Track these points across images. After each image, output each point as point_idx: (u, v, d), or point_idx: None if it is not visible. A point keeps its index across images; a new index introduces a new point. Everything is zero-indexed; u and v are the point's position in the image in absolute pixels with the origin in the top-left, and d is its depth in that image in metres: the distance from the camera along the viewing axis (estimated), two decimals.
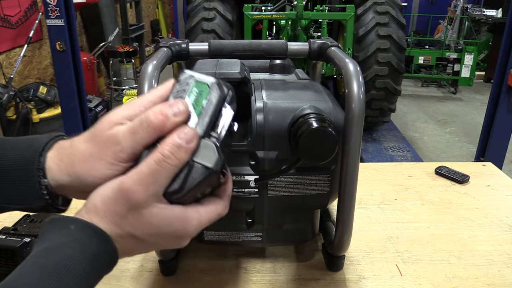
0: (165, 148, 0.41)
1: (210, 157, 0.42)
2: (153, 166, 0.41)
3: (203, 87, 0.44)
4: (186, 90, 0.44)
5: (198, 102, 0.44)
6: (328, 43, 0.73)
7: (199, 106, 0.44)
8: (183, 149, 0.41)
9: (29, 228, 0.74)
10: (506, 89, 2.57)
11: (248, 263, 0.78)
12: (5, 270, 0.70)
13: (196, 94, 0.44)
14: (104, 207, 0.42)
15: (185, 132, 0.41)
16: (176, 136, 0.41)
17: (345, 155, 0.62)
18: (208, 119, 0.44)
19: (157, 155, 0.41)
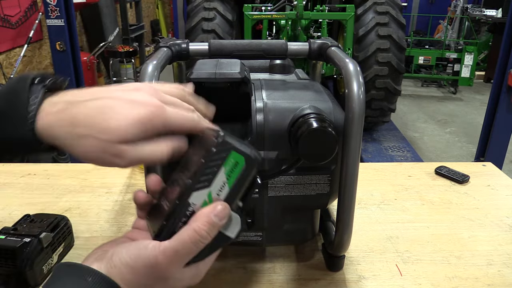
0: (202, 229, 0.42)
1: (234, 228, 0.45)
2: (189, 246, 0.42)
3: (239, 159, 0.44)
4: (223, 158, 0.43)
5: (232, 174, 0.44)
6: (328, 43, 0.73)
7: (232, 178, 0.44)
8: (217, 227, 0.43)
9: (29, 228, 0.74)
10: (506, 89, 2.57)
11: (248, 263, 0.78)
12: (5, 270, 0.70)
13: (231, 165, 0.43)
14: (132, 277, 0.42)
15: (220, 210, 0.43)
16: (213, 215, 0.42)
17: (345, 155, 0.62)
18: (239, 193, 0.45)
19: (194, 235, 0.42)
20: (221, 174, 0.43)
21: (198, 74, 0.61)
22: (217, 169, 0.43)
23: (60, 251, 0.78)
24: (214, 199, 0.44)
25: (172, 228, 0.43)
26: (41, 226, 0.75)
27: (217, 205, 0.43)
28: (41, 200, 0.98)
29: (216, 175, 0.43)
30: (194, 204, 0.43)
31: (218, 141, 0.43)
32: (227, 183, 0.44)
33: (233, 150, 0.43)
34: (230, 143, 0.43)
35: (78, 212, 0.94)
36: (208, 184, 0.43)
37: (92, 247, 0.81)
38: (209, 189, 0.43)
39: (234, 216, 0.45)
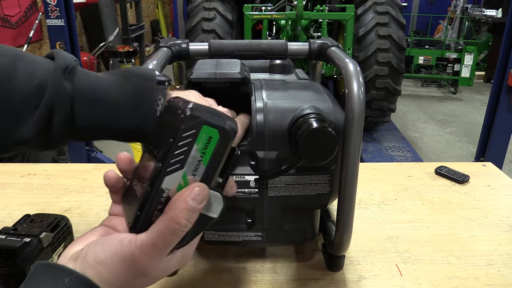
0: (180, 217, 0.38)
1: (216, 208, 0.41)
2: (168, 237, 0.38)
3: (213, 133, 0.39)
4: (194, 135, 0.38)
5: (207, 150, 0.39)
6: (328, 43, 0.73)
7: (207, 154, 0.39)
8: (196, 211, 0.39)
9: (29, 228, 0.74)
10: (506, 89, 2.57)
11: (248, 263, 0.78)
12: (5, 270, 0.70)
13: (204, 141, 0.39)
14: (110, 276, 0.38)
15: (197, 192, 0.39)
16: (190, 199, 0.38)
17: (345, 155, 0.62)
18: (217, 170, 0.41)
19: (172, 225, 0.38)
20: (194, 152, 0.39)
21: (198, 74, 0.62)
22: (188, 148, 0.38)
23: (60, 251, 0.78)
24: (190, 180, 0.39)
25: (148, 218, 0.39)
26: (41, 226, 0.75)
27: (193, 188, 0.39)
28: (41, 200, 0.98)
29: (188, 154, 0.38)
30: (168, 189, 0.39)
31: (186, 116, 0.38)
32: (202, 161, 0.39)
33: (204, 124, 0.38)
34: (199, 117, 0.38)
35: (78, 212, 0.94)
36: (181, 166, 0.39)
37: None
38: (182, 171, 0.39)
39: (215, 195, 0.41)
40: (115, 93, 0.48)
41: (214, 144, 0.39)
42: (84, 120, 0.47)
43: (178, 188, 0.39)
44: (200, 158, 0.39)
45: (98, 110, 0.47)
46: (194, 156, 0.39)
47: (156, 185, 0.38)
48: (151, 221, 0.39)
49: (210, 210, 0.41)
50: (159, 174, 0.38)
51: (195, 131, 0.38)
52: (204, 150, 0.39)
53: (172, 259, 0.41)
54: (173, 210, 0.38)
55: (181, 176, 0.39)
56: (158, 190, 0.39)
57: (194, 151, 0.39)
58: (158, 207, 0.39)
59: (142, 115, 0.48)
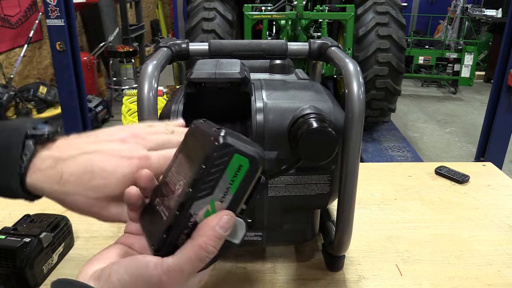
0: (209, 244, 0.38)
1: (239, 234, 0.41)
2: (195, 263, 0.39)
3: (243, 162, 0.39)
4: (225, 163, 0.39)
5: (237, 177, 0.39)
6: (328, 43, 0.73)
7: (237, 182, 0.40)
8: (223, 238, 0.39)
9: (29, 228, 0.74)
10: (506, 89, 2.57)
11: (248, 263, 0.78)
12: (5, 270, 0.70)
13: (235, 169, 0.39)
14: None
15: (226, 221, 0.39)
16: (219, 227, 0.39)
17: (345, 155, 0.62)
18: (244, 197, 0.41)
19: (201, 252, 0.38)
20: (223, 180, 0.39)
21: (198, 74, 0.62)
22: (219, 175, 0.39)
23: (60, 251, 0.78)
24: (217, 207, 0.40)
25: (174, 241, 0.39)
26: (41, 226, 0.75)
27: (222, 216, 0.39)
28: (41, 200, 0.98)
29: (218, 181, 0.39)
30: (195, 214, 0.39)
31: (219, 144, 0.38)
32: (231, 188, 0.40)
33: (236, 152, 0.39)
34: (232, 145, 0.39)
35: None
36: (211, 192, 0.39)
37: (92, 247, 0.82)
38: (211, 197, 0.39)
39: (239, 221, 0.41)
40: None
41: (243, 172, 0.39)
42: None
43: (206, 214, 0.40)
44: (229, 186, 0.39)
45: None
46: (223, 183, 0.39)
47: (185, 209, 0.39)
48: (177, 245, 0.39)
49: (234, 236, 0.41)
50: (189, 198, 0.39)
51: (227, 158, 0.38)
52: (233, 178, 0.39)
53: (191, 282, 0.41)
54: (201, 237, 0.39)
55: (209, 202, 0.39)
56: (186, 215, 0.39)
57: (224, 179, 0.39)
58: (184, 231, 0.39)
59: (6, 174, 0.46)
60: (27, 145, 0.47)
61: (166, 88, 2.99)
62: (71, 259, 0.79)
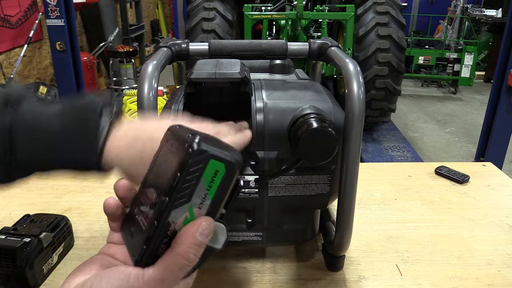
0: (189, 252, 0.38)
1: (220, 239, 0.41)
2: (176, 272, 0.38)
3: (219, 167, 0.39)
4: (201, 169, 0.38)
5: (214, 183, 0.39)
6: (328, 43, 0.73)
7: (214, 187, 0.39)
8: (203, 245, 0.39)
9: (29, 228, 0.74)
10: (506, 89, 2.57)
11: (248, 263, 0.78)
12: (5, 270, 0.70)
13: (211, 175, 0.39)
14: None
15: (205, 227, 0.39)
16: (198, 233, 0.38)
17: (345, 155, 0.62)
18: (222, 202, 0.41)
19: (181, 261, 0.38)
20: (200, 186, 0.38)
21: (198, 74, 0.62)
22: (195, 182, 0.38)
23: (60, 251, 0.78)
24: (196, 213, 0.39)
25: (154, 252, 0.39)
26: (41, 226, 0.75)
27: (201, 222, 0.39)
28: (41, 200, 0.98)
29: (195, 188, 0.38)
30: (174, 222, 0.39)
31: (194, 150, 0.37)
32: (208, 194, 0.39)
33: (211, 158, 0.38)
34: (207, 151, 0.38)
35: (78, 212, 0.94)
36: (188, 200, 0.38)
37: (92, 247, 0.82)
38: (189, 204, 0.39)
39: (219, 226, 0.41)
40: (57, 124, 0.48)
41: (220, 177, 0.39)
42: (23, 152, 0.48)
43: (185, 221, 0.39)
44: (206, 192, 0.39)
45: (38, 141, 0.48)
46: (200, 189, 0.39)
47: (163, 219, 0.38)
48: (157, 254, 0.39)
49: (215, 241, 0.41)
50: (166, 208, 0.38)
51: (202, 165, 0.38)
52: (210, 183, 0.39)
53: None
54: (181, 246, 0.38)
55: (187, 209, 0.39)
56: (165, 223, 0.38)
57: (201, 185, 0.38)
58: (164, 240, 0.39)
59: (84, 146, 0.48)
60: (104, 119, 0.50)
61: (166, 88, 2.99)
62: (71, 259, 0.79)
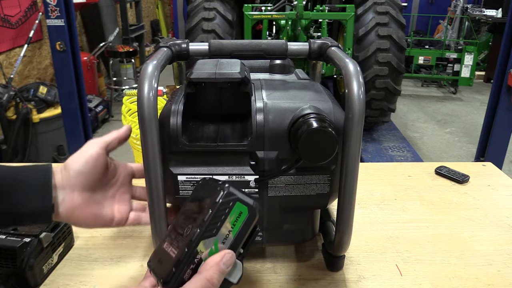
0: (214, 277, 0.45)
1: (236, 274, 0.48)
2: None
3: (243, 209, 0.47)
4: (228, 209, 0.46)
5: (238, 223, 0.47)
6: (328, 43, 0.73)
7: (237, 226, 0.47)
8: (225, 273, 0.46)
9: (29, 228, 0.74)
10: (506, 89, 2.57)
11: (248, 263, 0.78)
12: (5, 270, 0.70)
13: (236, 215, 0.47)
14: None
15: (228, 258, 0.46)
16: (222, 263, 0.45)
17: (345, 155, 0.62)
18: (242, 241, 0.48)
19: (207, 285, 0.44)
20: (226, 224, 0.46)
21: (198, 74, 0.62)
22: (223, 218, 0.46)
23: (60, 251, 0.78)
24: (220, 247, 0.47)
25: (181, 275, 0.45)
26: (41, 226, 0.75)
27: (225, 254, 0.46)
28: None
29: (222, 224, 0.46)
30: (201, 251, 0.46)
31: (225, 193, 0.47)
32: (232, 231, 0.47)
33: (238, 201, 0.47)
34: (234, 194, 0.47)
35: None
36: (215, 233, 0.46)
37: (92, 247, 0.82)
38: (215, 238, 0.46)
39: (237, 264, 0.48)
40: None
41: (243, 218, 0.47)
42: None
43: (210, 253, 0.46)
44: (230, 229, 0.47)
45: None
46: (226, 226, 0.47)
47: (192, 247, 0.45)
48: (183, 280, 0.45)
49: (232, 276, 0.47)
50: (196, 237, 0.46)
51: (230, 205, 0.46)
52: (234, 222, 0.47)
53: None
54: (208, 271, 0.45)
55: (213, 242, 0.46)
56: (194, 252, 0.45)
57: (227, 222, 0.46)
58: (191, 266, 0.46)
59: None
60: None
61: (166, 88, 2.99)
62: (71, 259, 0.79)
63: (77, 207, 0.58)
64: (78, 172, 0.57)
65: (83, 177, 0.58)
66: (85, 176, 0.58)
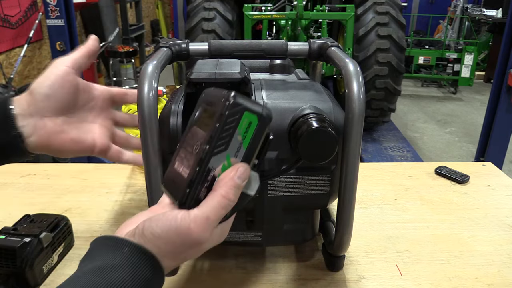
0: (230, 193, 0.43)
1: (253, 186, 0.46)
2: (219, 211, 0.43)
3: (252, 118, 0.44)
4: (237, 120, 0.43)
5: (248, 133, 0.44)
6: (328, 43, 0.73)
7: (248, 137, 0.44)
8: (241, 188, 0.44)
9: (29, 228, 0.74)
10: (506, 89, 2.57)
11: (248, 263, 0.78)
12: (5, 270, 0.70)
13: (245, 126, 0.44)
14: (166, 247, 0.43)
15: (242, 171, 0.44)
16: (236, 177, 0.44)
17: (345, 155, 0.62)
18: (255, 152, 0.46)
19: (224, 201, 0.43)
20: (236, 136, 0.44)
21: (198, 74, 0.62)
22: (232, 131, 0.43)
23: (60, 251, 0.78)
24: (233, 161, 0.44)
25: (196, 195, 0.44)
26: (41, 226, 0.75)
27: (238, 167, 0.44)
28: (41, 200, 0.98)
29: (232, 137, 0.43)
30: (214, 168, 0.44)
31: (230, 103, 0.43)
32: (243, 143, 0.44)
33: (245, 110, 0.43)
34: (241, 103, 0.43)
35: (78, 212, 0.94)
36: (226, 148, 0.44)
37: None
38: (226, 152, 0.44)
39: (252, 174, 0.46)
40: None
41: (253, 129, 0.44)
42: None
43: (223, 168, 0.44)
44: (241, 141, 0.44)
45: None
46: (236, 139, 0.44)
47: (203, 165, 0.43)
48: (199, 198, 0.44)
49: (249, 188, 0.46)
50: (207, 154, 0.43)
51: (238, 116, 0.43)
52: (245, 134, 0.44)
53: (214, 233, 0.45)
54: (223, 187, 0.43)
55: (225, 157, 0.44)
56: (206, 169, 0.43)
57: (237, 135, 0.44)
58: (205, 185, 0.44)
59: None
60: None
61: (166, 88, 2.99)
62: (71, 259, 0.79)
63: (52, 133, 0.54)
64: (44, 96, 0.53)
65: (51, 100, 0.53)
66: (53, 98, 0.54)
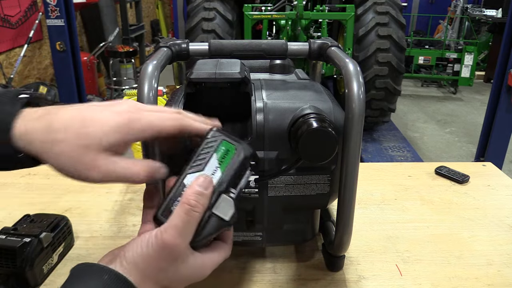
0: (189, 198, 0.46)
1: (227, 211, 0.48)
2: (184, 218, 0.45)
3: (230, 147, 0.50)
4: (215, 146, 0.49)
5: (224, 160, 0.49)
6: (328, 43, 0.73)
7: (224, 163, 0.49)
8: (204, 195, 0.46)
9: (29, 228, 0.74)
10: (506, 89, 2.57)
11: (248, 263, 0.78)
12: (5, 270, 0.70)
13: (223, 152, 0.49)
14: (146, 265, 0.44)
15: (202, 180, 0.47)
16: (196, 185, 0.46)
17: (345, 155, 0.62)
18: (230, 178, 0.49)
19: (185, 206, 0.45)
20: (213, 160, 0.49)
21: (198, 74, 0.62)
22: (210, 155, 0.49)
23: (60, 251, 0.78)
24: None
25: (169, 206, 0.47)
26: (41, 226, 0.75)
27: (199, 177, 0.47)
28: (41, 200, 0.98)
29: (209, 160, 0.49)
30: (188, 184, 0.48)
31: (212, 132, 0.50)
32: (220, 167, 0.49)
33: (224, 140, 0.50)
34: (222, 133, 0.50)
35: (78, 212, 0.94)
36: (202, 168, 0.48)
37: (92, 247, 0.82)
38: (202, 172, 0.48)
39: (227, 199, 0.48)
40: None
41: (230, 156, 0.50)
42: None
43: None
44: (217, 165, 0.49)
45: None
46: (212, 162, 0.49)
47: (180, 180, 0.48)
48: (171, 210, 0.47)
49: (221, 211, 0.48)
50: (184, 172, 0.49)
51: (216, 143, 0.50)
52: (222, 159, 0.49)
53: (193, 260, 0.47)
54: (184, 196, 0.46)
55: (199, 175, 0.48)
56: (181, 185, 0.48)
57: (214, 158, 0.49)
58: (178, 199, 0.47)
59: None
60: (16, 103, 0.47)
61: (166, 88, 2.99)
62: (71, 259, 0.79)
63: None
64: None
65: None
66: None
